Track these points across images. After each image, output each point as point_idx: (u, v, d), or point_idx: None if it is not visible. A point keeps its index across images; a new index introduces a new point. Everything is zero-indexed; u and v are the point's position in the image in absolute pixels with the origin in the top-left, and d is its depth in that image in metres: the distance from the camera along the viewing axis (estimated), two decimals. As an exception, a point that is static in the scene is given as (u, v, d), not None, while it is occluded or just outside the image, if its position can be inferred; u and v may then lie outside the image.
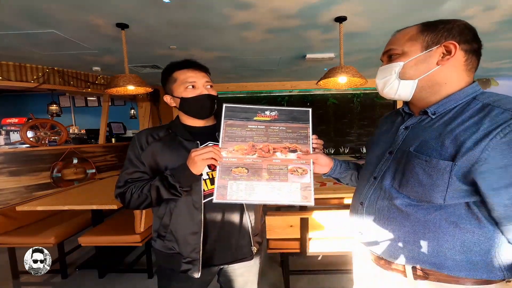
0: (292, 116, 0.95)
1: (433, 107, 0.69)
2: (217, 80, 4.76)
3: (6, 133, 4.86)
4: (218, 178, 0.86)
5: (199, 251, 0.96)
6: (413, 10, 2.20)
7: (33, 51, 2.93)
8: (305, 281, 2.21)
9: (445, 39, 0.66)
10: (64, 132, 3.99)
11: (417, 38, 0.69)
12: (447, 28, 0.67)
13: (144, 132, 1.04)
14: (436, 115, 0.69)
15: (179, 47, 2.95)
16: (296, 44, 2.97)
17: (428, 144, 0.65)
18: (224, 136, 0.91)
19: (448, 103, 0.67)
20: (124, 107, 6.50)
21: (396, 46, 0.71)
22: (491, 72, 4.76)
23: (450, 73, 0.67)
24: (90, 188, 2.66)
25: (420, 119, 0.72)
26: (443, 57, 0.66)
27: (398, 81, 0.71)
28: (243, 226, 1.03)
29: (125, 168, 1.01)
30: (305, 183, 0.87)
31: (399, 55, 0.71)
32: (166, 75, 1.05)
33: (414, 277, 0.69)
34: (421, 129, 0.70)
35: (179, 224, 0.98)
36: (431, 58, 0.67)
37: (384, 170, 0.75)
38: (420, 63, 0.68)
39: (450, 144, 0.61)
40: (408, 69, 0.69)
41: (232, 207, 1.00)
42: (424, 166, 0.64)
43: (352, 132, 5.28)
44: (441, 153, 0.62)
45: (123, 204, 1.00)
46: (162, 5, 2.00)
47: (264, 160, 0.89)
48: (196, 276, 0.97)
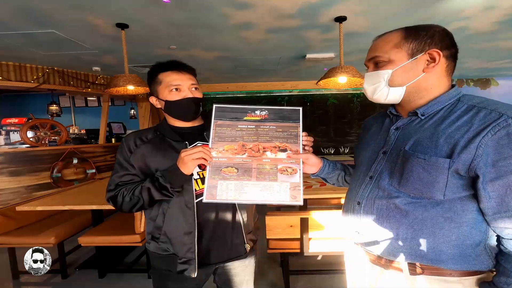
0: (282, 115, 0.94)
1: (422, 109, 0.73)
2: (217, 80, 4.76)
3: (6, 133, 4.85)
4: (208, 178, 0.87)
5: (194, 250, 0.97)
6: (412, 10, 2.20)
7: (33, 51, 2.93)
8: (305, 281, 2.21)
9: (428, 47, 0.70)
10: (64, 132, 3.99)
11: (402, 45, 0.71)
12: (429, 36, 0.70)
13: (131, 135, 1.04)
14: (425, 116, 0.73)
15: (179, 47, 2.95)
16: (296, 44, 2.97)
17: (423, 143, 0.69)
18: (214, 136, 0.91)
19: (435, 105, 0.72)
20: (124, 107, 6.49)
21: (382, 54, 0.74)
22: (491, 72, 4.76)
23: (434, 78, 0.72)
24: (90, 188, 2.66)
25: (410, 120, 0.76)
26: (428, 64, 0.70)
27: (388, 88, 0.74)
28: (236, 225, 1.03)
29: (115, 172, 1.01)
30: (295, 182, 0.87)
31: (386, 63, 0.73)
32: (151, 76, 1.04)
33: (410, 273, 0.71)
34: (413, 130, 0.74)
35: (173, 225, 0.98)
36: (417, 65, 0.71)
37: (380, 169, 0.77)
38: (407, 71, 0.72)
39: (444, 143, 0.66)
40: (396, 76, 0.73)
41: (224, 206, 1.01)
42: (423, 164, 0.67)
43: (352, 132, 5.29)
44: (436, 152, 0.66)
45: (115, 207, 0.99)
46: (162, 5, 2.00)
47: (254, 159, 0.89)
48: (193, 275, 0.97)
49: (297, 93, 5.16)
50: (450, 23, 2.47)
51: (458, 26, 2.56)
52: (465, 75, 4.96)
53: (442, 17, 2.33)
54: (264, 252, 2.08)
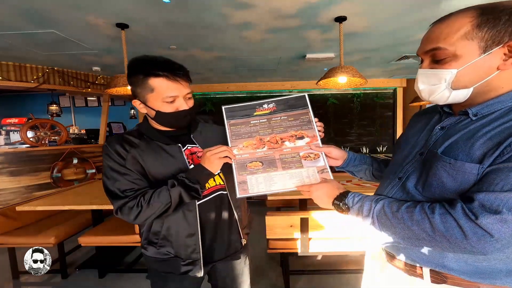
0: (289, 104, 0.97)
1: (477, 107, 0.61)
2: (217, 80, 4.76)
3: (6, 133, 4.86)
4: (236, 175, 0.88)
5: (199, 251, 0.97)
6: (412, 10, 2.20)
7: (33, 51, 2.93)
8: (305, 281, 2.21)
9: (509, 37, 0.54)
10: (64, 132, 3.99)
11: (474, 35, 0.56)
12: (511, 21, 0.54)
13: (114, 140, 0.93)
14: (477, 117, 0.61)
15: (179, 47, 2.95)
16: (296, 44, 2.97)
17: (458, 145, 0.60)
18: (231, 136, 0.93)
19: (494, 104, 0.59)
20: (124, 107, 6.49)
21: (446, 46, 0.58)
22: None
23: (508, 77, 0.57)
24: (90, 188, 2.66)
25: (459, 119, 0.64)
26: (506, 60, 0.55)
27: (450, 91, 0.61)
28: (233, 221, 1.05)
29: (114, 180, 0.89)
30: (321, 166, 0.87)
31: (450, 58, 0.58)
32: (138, 77, 0.89)
33: (431, 280, 0.66)
34: (456, 130, 0.63)
35: (173, 229, 0.96)
36: (491, 61, 0.56)
37: (411, 171, 0.70)
38: (477, 69, 0.57)
39: (480, 146, 0.56)
40: (463, 76, 0.58)
41: (221, 205, 1.02)
42: (448, 169, 0.59)
43: (352, 132, 5.28)
44: (468, 155, 0.57)
45: (129, 217, 0.88)
46: (162, 5, 2.00)
47: (275, 151, 0.91)
48: (199, 275, 0.98)
49: (297, 93, 5.16)
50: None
51: (458, 26, 2.56)
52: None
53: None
54: (264, 252, 2.08)
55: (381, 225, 0.65)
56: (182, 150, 0.97)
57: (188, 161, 0.97)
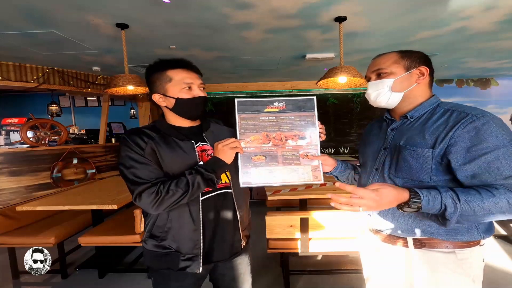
0: (298, 106, 1.05)
1: (410, 112, 0.94)
2: (217, 80, 4.76)
3: (6, 133, 4.85)
4: (241, 166, 0.99)
5: (200, 246, 0.98)
6: (412, 10, 2.20)
7: (33, 51, 2.93)
8: (305, 281, 2.21)
9: (418, 64, 0.92)
10: (64, 132, 3.99)
11: (400, 62, 0.93)
12: (418, 56, 0.93)
13: (134, 132, 0.98)
14: (413, 119, 0.93)
15: (179, 47, 2.95)
16: (296, 44, 2.97)
17: (413, 138, 0.89)
18: (240, 129, 1.01)
19: (420, 109, 0.93)
20: (124, 107, 6.48)
21: (385, 67, 0.94)
22: (491, 72, 4.76)
23: (422, 89, 0.94)
24: (90, 188, 2.66)
25: (402, 122, 0.96)
26: (419, 77, 0.92)
27: (390, 93, 0.94)
28: (234, 222, 1.06)
29: (134, 168, 0.92)
30: (315, 165, 1.02)
31: (388, 74, 0.93)
32: (157, 72, 1.01)
33: (414, 247, 0.89)
34: (405, 129, 0.94)
35: (178, 223, 0.98)
36: (412, 77, 0.93)
37: (383, 162, 0.97)
38: (404, 81, 0.93)
39: (429, 137, 0.85)
40: (397, 84, 0.93)
41: (225, 203, 1.04)
42: (413, 154, 0.87)
43: (352, 132, 5.28)
44: (423, 144, 0.85)
45: (149, 203, 0.90)
46: (162, 5, 2.00)
47: (278, 148, 1.02)
48: (197, 271, 0.99)
49: (297, 93, 5.15)
50: (450, 23, 2.47)
51: (458, 26, 2.56)
52: (465, 75, 4.96)
53: (442, 17, 2.33)
54: (264, 252, 2.08)
55: (461, 218, 0.78)
56: (195, 146, 1.01)
57: (199, 158, 1.00)
